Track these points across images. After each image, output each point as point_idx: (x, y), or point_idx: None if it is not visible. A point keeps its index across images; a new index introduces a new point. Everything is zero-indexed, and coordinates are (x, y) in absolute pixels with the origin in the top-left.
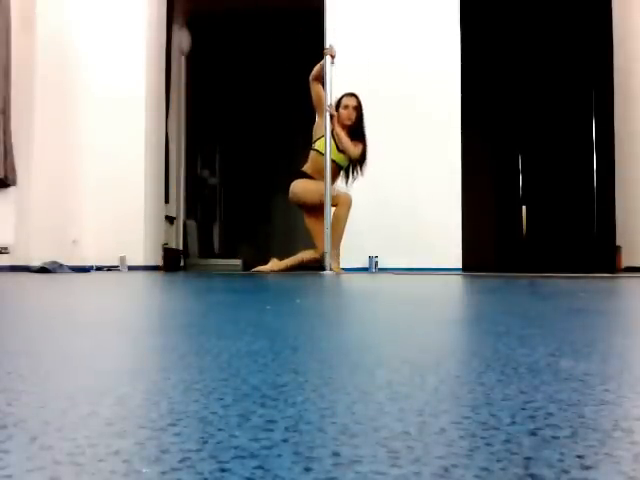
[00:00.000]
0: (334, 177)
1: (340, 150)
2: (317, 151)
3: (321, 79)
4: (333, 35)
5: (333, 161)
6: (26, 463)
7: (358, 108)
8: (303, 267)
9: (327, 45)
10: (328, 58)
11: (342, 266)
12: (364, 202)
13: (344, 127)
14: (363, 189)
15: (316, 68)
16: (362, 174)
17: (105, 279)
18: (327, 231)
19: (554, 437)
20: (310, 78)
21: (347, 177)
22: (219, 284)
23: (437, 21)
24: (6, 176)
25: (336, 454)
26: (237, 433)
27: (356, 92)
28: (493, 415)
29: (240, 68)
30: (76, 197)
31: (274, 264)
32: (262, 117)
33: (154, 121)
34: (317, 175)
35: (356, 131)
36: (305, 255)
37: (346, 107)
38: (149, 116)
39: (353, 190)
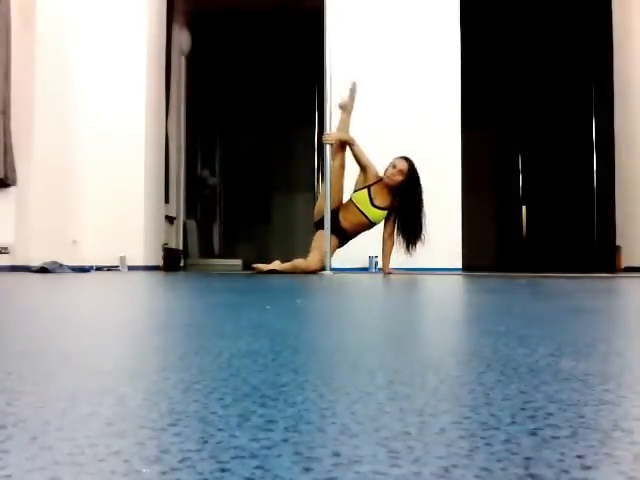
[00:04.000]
0: (360, 230)
1: (376, 206)
2: (354, 203)
3: (347, 145)
4: (333, 35)
5: (364, 215)
6: (26, 463)
7: (406, 173)
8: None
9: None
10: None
11: (343, 266)
12: None
13: (386, 186)
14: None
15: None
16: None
17: (105, 279)
18: (327, 232)
19: (554, 437)
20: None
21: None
22: (219, 284)
23: (437, 21)
24: (6, 176)
25: (336, 454)
26: (237, 433)
27: (410, 157)
28: (493, 415)
29: (240, 68)
30: (76, 197)
31: (275, 265)
32: (262, 117)
33: (154, 121)
34: (345, 222)
35: (396, 189)
36: (301, 265)
37: (394, 167)
38: (149, 116)
39: (352, 189)
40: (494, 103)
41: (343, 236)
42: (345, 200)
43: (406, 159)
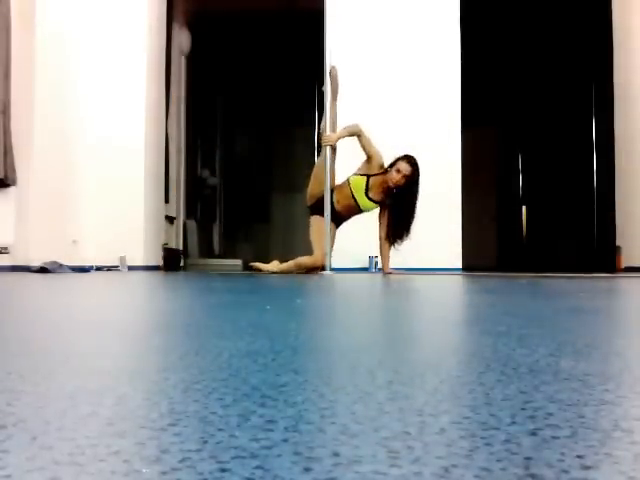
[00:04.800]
0: (350, 214)
1: (369, 198)
2: (349, 186)
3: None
4: (333, 35)
5: (355, 200)
6: (26, 463)
7: (409, 177)
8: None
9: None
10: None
11: (343, 266)
12: None
13: (385, 183)
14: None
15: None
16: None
17: (105, 279)
18: (327, 231)
19: (554, 437)
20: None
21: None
22: (219, 284)
23: (437, 21)
24: (6, 176)
25: (336, 454)
26: (237, 433)
27: (414, 158)
28: (493, 415)
29: (240, 68)
30: (76, 197)
31: (274, 265)
32: (262, 117)
33: (154, 121)
34: (337, 205)
35: (395, 195)
36: (307, 262)
37: (398, 172)
38: (149, 116)
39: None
40: (494, 103)
41: (337, 219)
42: (340, 181)
43: (411, 163)
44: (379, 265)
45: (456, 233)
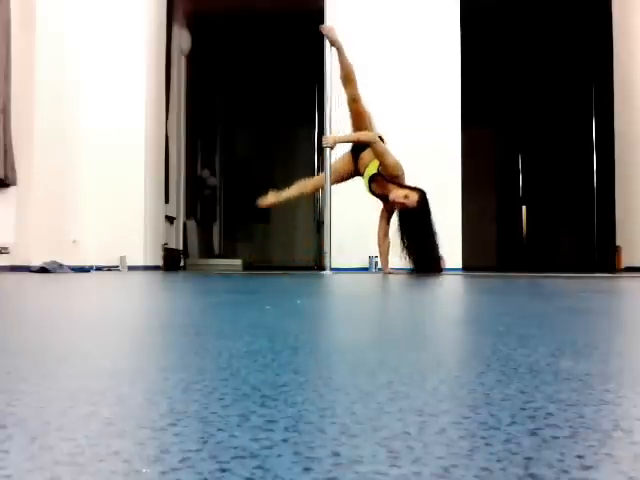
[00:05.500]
0: (360, 171)
1: (370, 184)
2: (370, 161)
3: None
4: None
5: (362, 172)
6: (26, 463)
7: (407, 207)
8: (302, 267)
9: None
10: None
11: (343, 266)
12: (364, 202)
13: (388, 192)
14: (363, 189)
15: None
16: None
17: (105, 279)
18: (327, 231)
19: (554, 437)
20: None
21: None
22: (219, 284)
23: (437, 21)
24: (6, 176)
25: (336, 454)
26: (237, 433)
27: (424, 190)
28: (493, 415)
29: (240, 68)
30: (76, 197)
31: (274, 196)
32: (262, 117)
33: (154, 121)
34: (363, 153)
35: (396, 207)
36: (312, 182)
37: (406, 197)
38: (149, 116)
39: (352, 189)
40: (494, 103)
41: (357, 162)
42: (381, 145)
43: (420, 197)
44: (379, 265)
45: (456, 233)
